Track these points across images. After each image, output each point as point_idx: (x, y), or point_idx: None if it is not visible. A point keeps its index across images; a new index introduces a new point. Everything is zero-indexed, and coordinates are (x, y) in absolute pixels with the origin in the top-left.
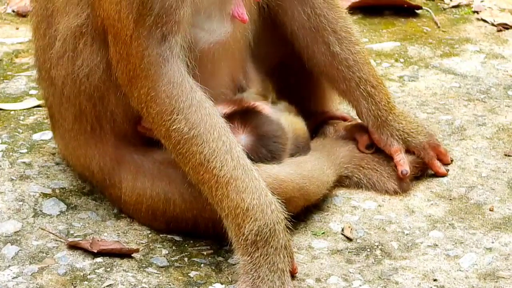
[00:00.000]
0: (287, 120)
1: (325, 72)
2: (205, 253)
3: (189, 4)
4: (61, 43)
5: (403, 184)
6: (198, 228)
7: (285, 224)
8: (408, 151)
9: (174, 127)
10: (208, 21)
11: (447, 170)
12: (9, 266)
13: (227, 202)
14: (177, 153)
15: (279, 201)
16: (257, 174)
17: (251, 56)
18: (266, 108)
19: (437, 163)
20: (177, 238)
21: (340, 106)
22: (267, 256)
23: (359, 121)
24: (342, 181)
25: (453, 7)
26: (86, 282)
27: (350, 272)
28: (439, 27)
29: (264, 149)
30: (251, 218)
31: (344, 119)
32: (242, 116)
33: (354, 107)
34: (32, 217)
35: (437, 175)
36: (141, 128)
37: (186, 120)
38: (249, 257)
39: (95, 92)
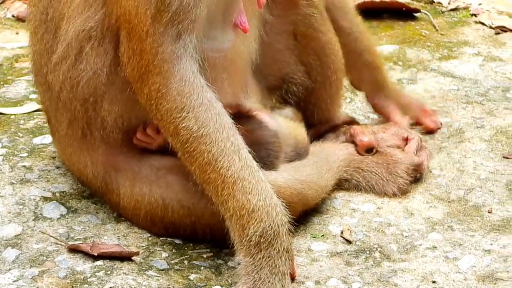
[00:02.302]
0: (287, 126)
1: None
2: (205, 256)
3: (205, 4)
4: (64, 47)
5: (402, 187)
6: (196, 234)
7: (288, 228)
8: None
9: (183, 124)
10: (211, 28)
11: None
12: (10, 269)
13: (233, 203)
14: (184, 152)
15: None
16: (263, 176)
17: (253, 72)
18: (262, 114)
19: (427, 119)
20: (177, 241)
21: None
22: (269, 258)
23: (358, 125)
24: (341, 184)
25: (451, 10)
26: (86, 285)
27: (350, 275)
28: (437, 30)
29: (256, 156)
30: (256, 219)
31: (347, 123)
32: (236, 121)
33: (354, 77)
34: (33, 220)
35: (428, 130)
36: (137, 141)
37: (196, 119)
38: (251, 259)
39: (90, 97)
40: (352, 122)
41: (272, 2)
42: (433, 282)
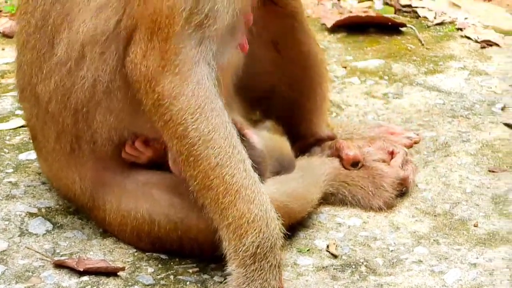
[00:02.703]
0: (272, 140)
1: None
2: (190, 271)
3: (230, 13)
4: (64, 52)
5: (388, 201)
6: (183, 249)
7: (282, 243)
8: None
9: (194, 126)
10: (222, 41)
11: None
12: None
13: (233, 211)
14: (189, 155)
15: None
16: (263, 189)
17: (237, 86)
18: (251, 133)
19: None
20: (163, 256)
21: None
22: (261, 271)
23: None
24: (327, 198)
25: (437, 24)
26: None
27: None
28: (423, 44)
29: None
30: (255, 229)
31: (331, 138)
32: None
33: None
34: (18, 236)
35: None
36: (125, 155)
37: (208, 122)
38: (244, 270)
39: (83, 107)
40: (335, 138)
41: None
42: None
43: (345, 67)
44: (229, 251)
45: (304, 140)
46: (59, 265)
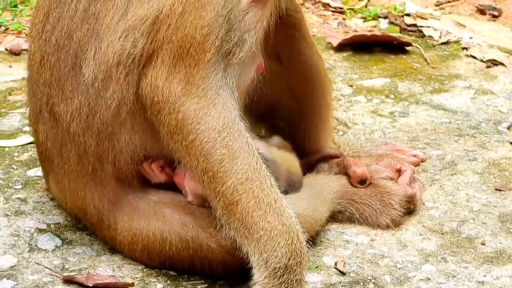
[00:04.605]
0: (281, 158)
1: None
2: (199, 287)
3: (255, 41)
4: (90, 73)
5: (395, 218)
6: (194, 267)
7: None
8: None
9: (223, 143)
10: (243, 66)
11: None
12: None
13: (264, 224)
14: (217, 171)
15: None
16: (288, 205)
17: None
18: (257, 143)
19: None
20: (171, 272)
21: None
22: (287, 285)
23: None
24: (335, 216)
25: (443, 43)
26: None
27: None
28: (428, 63)
29: None
30: (287, 241)
31: (338, 156)
32: None
33: None
34: (28, 252)
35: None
36: (142, 169)
37: (235, 140)
38: (272, 281)
39: (108, 127)
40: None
41: None
42: None
43: (351, 86)
44: (259, 263)
45: (310, 156)
46: (68, 281)
